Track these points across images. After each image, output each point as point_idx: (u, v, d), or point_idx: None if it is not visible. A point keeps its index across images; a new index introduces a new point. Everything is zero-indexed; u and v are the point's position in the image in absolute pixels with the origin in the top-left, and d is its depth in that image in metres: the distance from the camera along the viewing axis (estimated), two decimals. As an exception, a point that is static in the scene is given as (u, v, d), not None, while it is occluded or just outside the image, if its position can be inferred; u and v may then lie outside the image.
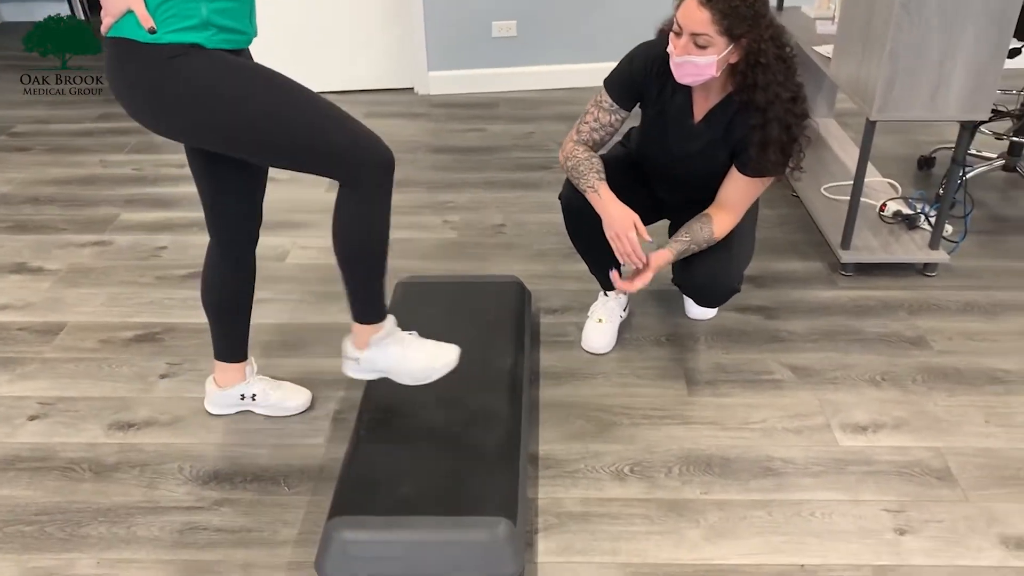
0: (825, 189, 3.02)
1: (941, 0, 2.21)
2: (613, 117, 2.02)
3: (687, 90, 1.96)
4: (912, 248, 2.67)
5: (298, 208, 3.08)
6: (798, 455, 1.98)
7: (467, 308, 2.30)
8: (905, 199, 2.87)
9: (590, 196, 1.98)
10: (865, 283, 2.62)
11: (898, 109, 2.38)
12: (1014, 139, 3.08)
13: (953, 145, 3.35)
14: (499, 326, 2.23)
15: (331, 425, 2.09)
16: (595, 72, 4.22)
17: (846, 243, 2.65)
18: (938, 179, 3.25)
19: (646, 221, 2.29)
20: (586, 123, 2.04)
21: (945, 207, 2.57)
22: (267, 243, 2.85)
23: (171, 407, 2.16)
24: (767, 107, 1.81)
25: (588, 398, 2.17)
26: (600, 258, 2.30)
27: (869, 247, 2.68)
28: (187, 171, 3.43)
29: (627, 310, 2.44)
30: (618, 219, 1.93)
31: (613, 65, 2.05)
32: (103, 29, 1.54)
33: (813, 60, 2.92)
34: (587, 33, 4.20)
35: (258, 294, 2.60)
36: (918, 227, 2.76)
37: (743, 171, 1.93)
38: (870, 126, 2.45)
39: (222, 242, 1.92)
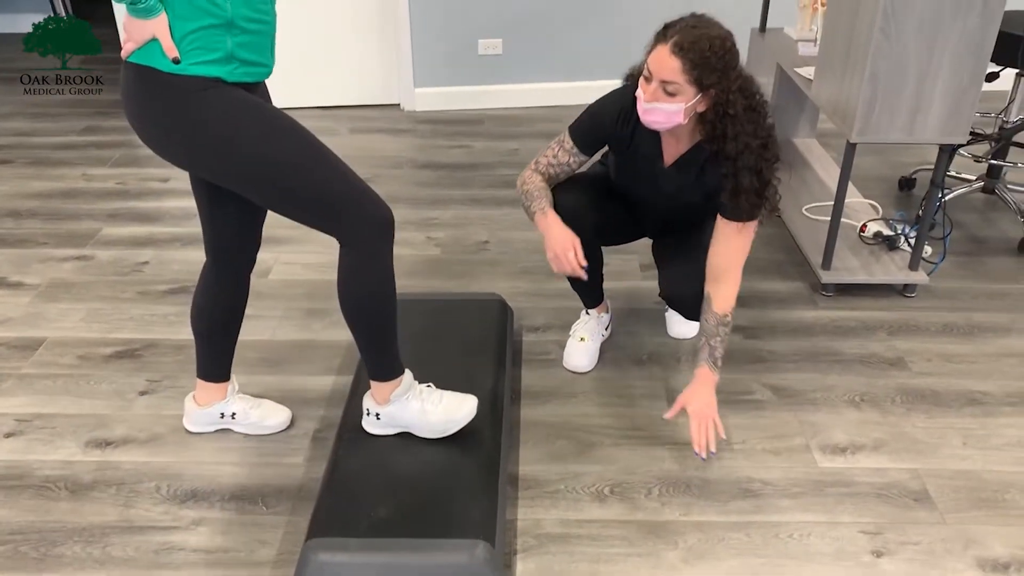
0: (807, 209, 3.05)
1: (919, 25, 2.24)
2: (572, 159, 2.06)
3: (656, 135, 1.98)
4: (892, 269, 2.69)
5: (281, 223, 3.04)
6: (777, 476, 1.98)
7: (449, 326, 2.30)
8: (885, 220, 2.90)
9: (537, 218, 2.02)
10: (846, 303, 2.64)
11: (878, 132, 2.41)
12: (992, 162, 3.11)
13: (933, 167, 3.41)
14: (481, 345, 2.23)
15: (310, 444, 2.08)
16: (580, 91, 4.26)
17: (827, 264, 2.67)
18: (919, 200, 3.28)
19: (626, 238, 2.31)
20: (545, 157, 2.08)
21: (924, 228, 2.60)
22: (250, 259, 2.85)
23: (149, 424, 2.14)
24: (737, 156, 1.82)
25: (569, 417, 2.17)
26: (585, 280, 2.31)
27: (849, 268, 2.70)
28: (171, 185, 3.43)
29: (609, 329, 2.44)
30: (559, 240, 1.97)
31: (598, 85, 2.08)
32: (124, 54, 1.54)
33: (795, 82, 2.95)
34: (572, 52, 4.23)
35: (239, 311, 2.61)
36: (898, 248, 2.78)
37: (723, 214, 1.95)
38: (850, 148, 2.48)
39: (220, 263, 1.91)
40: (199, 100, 1.54)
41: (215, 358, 2.03)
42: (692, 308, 2.09)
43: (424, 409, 1.87)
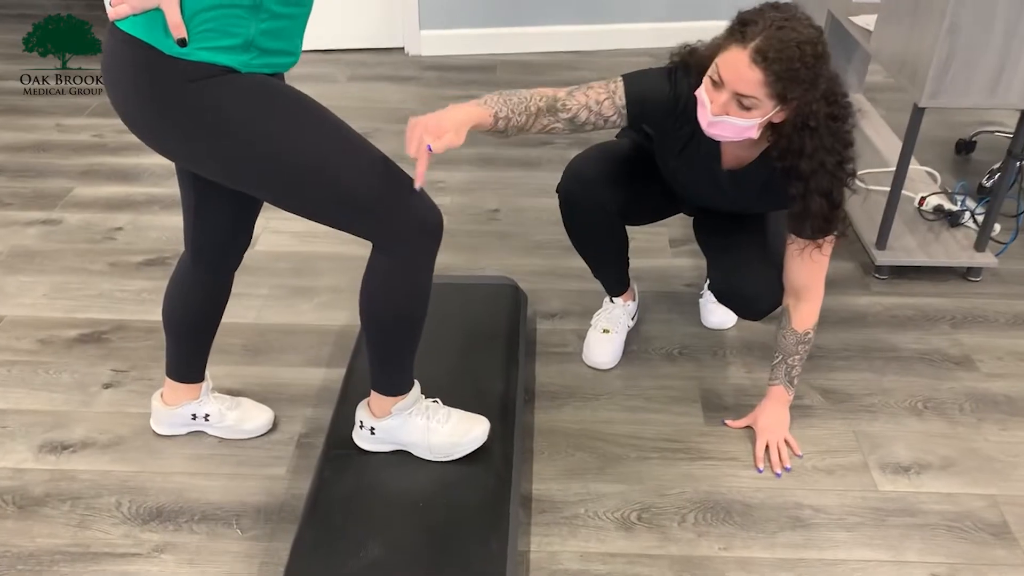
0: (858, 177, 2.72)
1: (1013, -31, 1.90)
2: (616, 117, 1.63)
3: (716, 144, 1.67)
4: (955, 249, 2.39)
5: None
6: (831, 502, 1.71)
7: (454, 316, 2.02)
8: (947, 192, 2.58)
9: (471, 102, 1.51)
10: (902, 288, 2.34)
11: (953, 94, 2.08)
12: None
13: (997, 128, 3.07)
14: (490, 339, 1.95)
15: (295, 452, 1.82)
16: (603, 34, 3.89)
17: (882, 243, 2.36)
18: (978, 165, 2.95)
19: (658, 216, 2.01)
20: (585, 95, 1.59)
21: (997, 205, 2.28)
22: (234, 227, 2.56)
23: (113, 425, 1.89)
24: (810, 176, 1.53)
25: (590, 424, 1.90)
26: (605, 260, 2.03)
27: (906, 248, 2.39)
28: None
29: (635, 318, 2.16)
30: (435, 118, 1.39)
31: (621, 28, 1.74)
32: (113, 15, 1.21)
33: (849, 32, 2.60)
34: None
35: (220, 288, 2.33)
36: (961, 224, 2.47)
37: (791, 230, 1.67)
38: (918, 113, 2.15)
39: (201, 260, 1.62)
40: (204, 88, 1.24)
41: (187, 359, 1.76)
42: (751, 308, 1.81)
43: (428, 428, 1.61)
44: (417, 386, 1.62)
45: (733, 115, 1.47)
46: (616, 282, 2.07)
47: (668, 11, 3.84)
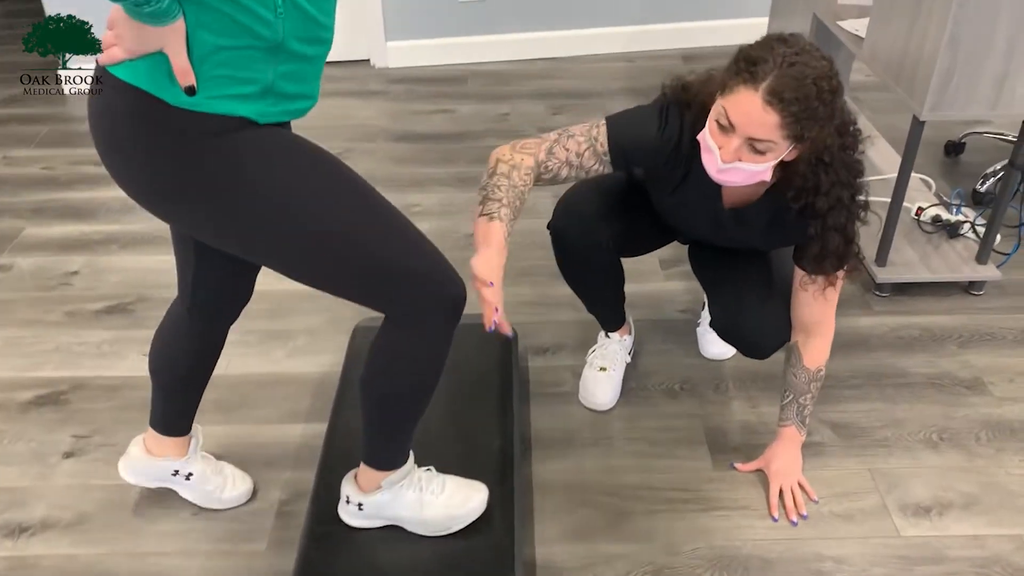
0: (848, 186, 2.62)
1: (1017, -25, 1.80)
2: (599, 167, 1.52)
3: (715, 185, 1.53)
4: (956, 262, 2.30)
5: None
6: (853, 552, 1.61)
7: (441, 363, 1.88)
8: (943, 201, 2.49)
9: (481, 221, 1.38)
10: (904, 306, 2.25)
11: (954, 106, 1.98)
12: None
13: (986, 130, 2.99)
14: (481, 388, 1.83)
15: (275, 522, 1.68)
16: (576, 40, 3.76)
17: (882, 260, 2.26)
18: (969, 167, 2.87)
19: (657, 245, 1.90)
20: (565, 149, 1.49)
21: (999, 217, 2.20)
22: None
23: (75, 500, 1.73)
24: (827, 213, 1.43)
25: (593, 475, 1.78)
26: (601, 297, 1.92)
27: (907, 262, 2.30)
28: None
29: (632, 352, 2.04)
30: (482, 268, 1.33)
31: (595, 33, 1.60)
32: (106, 59, 1.05)
33: (836, 36, 2.50)
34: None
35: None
36: (960, 235, 2.38)
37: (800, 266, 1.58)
38: (918, 125, 2.05)
39: (197, 313, 1.47)
40: (214, 147, 1.08)
41: (175, 411, 1.60)
42: (756, 348, 1.70)
43: (422, 501, 1.48)
44: (411, 458, 1.49)
45: (746, 160, 1.35)
46: (612, 318, 1.95)
47: (643, 14, 3.72)
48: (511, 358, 1.94)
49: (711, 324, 1.77)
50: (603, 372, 1.95)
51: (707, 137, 1.38)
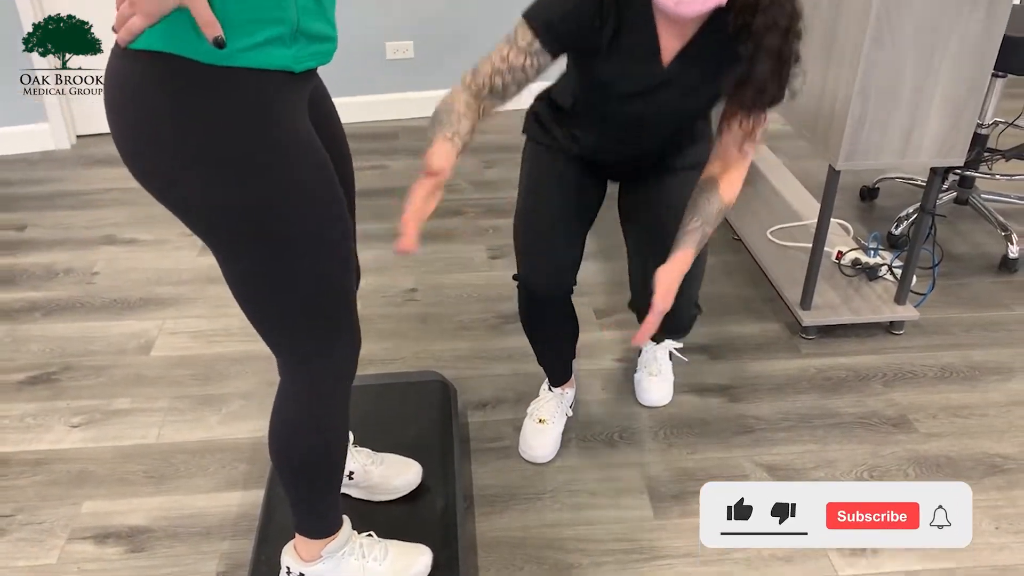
0: (771, 233, 2.72)
1: (916, 29, 1.91)
2: (530, 60, 1.47)
3: (650, 26, 1.50)
4: (877, 304, 2.39)
5: (164, 279, 2.57)
6: (795, 595, 1.64)
7: (379, 424, 1.87)
8: (862, 245, 2.60)
9: (437, 142, 1.39)
10: (831, 347, 2.33)
11: (867, 155, 2.08)
12: (965, 173, 2.84)
13: (898, 175, 3.14)
14: (421, 448, 1.81)
15: (213, 597, 1.63)
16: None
17: (807, 303, 2.34)
18: (883, 211, 3.01)
19: (594, 211, 1.83)
20: (489, 62, 1.48)
21: (914, 260, 2.30)
22: (126, 330, 2.34)
23: (-3, 585, 1.65)
24: (764, 34, 1.38)
25: (536, 530, 1.78)
26: (558, 347, 1.96)
27: (831, 305, 2.38)
28: (29, 235, 2.86)
29: (572, 407, 2.06)
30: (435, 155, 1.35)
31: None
32: (124, 35, 0.95)
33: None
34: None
35: (115, 403, 2.13)
36: (879, 278, 2.48)
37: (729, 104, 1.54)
38: (834, 175, 2.15)
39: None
40: (255, 112, 1.02)
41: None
42: (668, 326, 1.61)
43: (365, 568, 1.45)
44: (347, 523, 1.46)
45: None
46: (562, 371, 1.98)
47: (567, 68, 3.81)
48: (451, 417, 1.93)
49: (629, 305, 1.78)
50: (542, 424, 1.96)
51: None
